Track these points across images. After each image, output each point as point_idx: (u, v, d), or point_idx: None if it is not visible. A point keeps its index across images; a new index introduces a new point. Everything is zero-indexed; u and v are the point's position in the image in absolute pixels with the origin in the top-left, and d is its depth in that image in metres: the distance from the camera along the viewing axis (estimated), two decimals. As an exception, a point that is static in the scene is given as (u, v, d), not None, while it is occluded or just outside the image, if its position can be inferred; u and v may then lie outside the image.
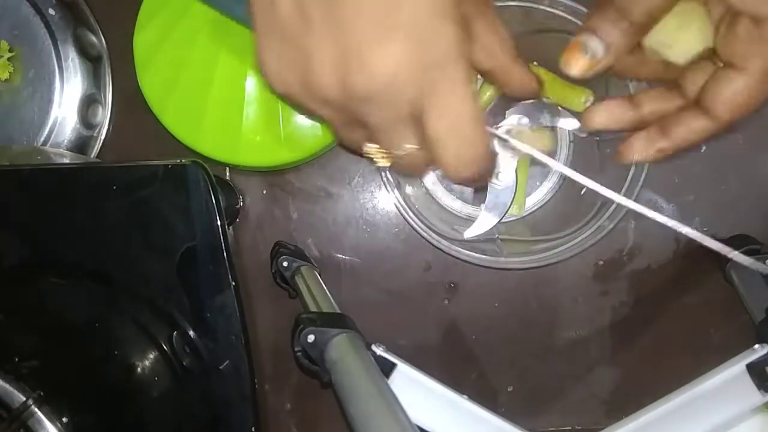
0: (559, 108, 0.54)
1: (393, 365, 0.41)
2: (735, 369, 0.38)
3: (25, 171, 0.47)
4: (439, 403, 0.42)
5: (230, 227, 0.57)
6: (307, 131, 0.53)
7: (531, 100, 0.56)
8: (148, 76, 0.53)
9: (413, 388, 0.42)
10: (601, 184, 0.55)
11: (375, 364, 0.37)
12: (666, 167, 0.57)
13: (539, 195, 0.59)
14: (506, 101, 0.53)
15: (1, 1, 0.55)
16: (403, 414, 0.32)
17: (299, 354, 0.39)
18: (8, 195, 0.47)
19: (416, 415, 0.41)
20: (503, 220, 0.56)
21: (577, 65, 0.33)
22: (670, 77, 0.36)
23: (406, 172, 0.34)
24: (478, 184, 0.34)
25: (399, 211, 0.52)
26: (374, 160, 0.34)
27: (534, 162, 0.58)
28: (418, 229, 0.51)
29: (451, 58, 0.27)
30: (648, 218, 0.58)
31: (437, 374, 0.43)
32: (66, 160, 0.55)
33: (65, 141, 0.57)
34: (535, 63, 0.54)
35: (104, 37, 0.58)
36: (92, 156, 0.58)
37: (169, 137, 0.53)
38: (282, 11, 0.28)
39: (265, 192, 0.59)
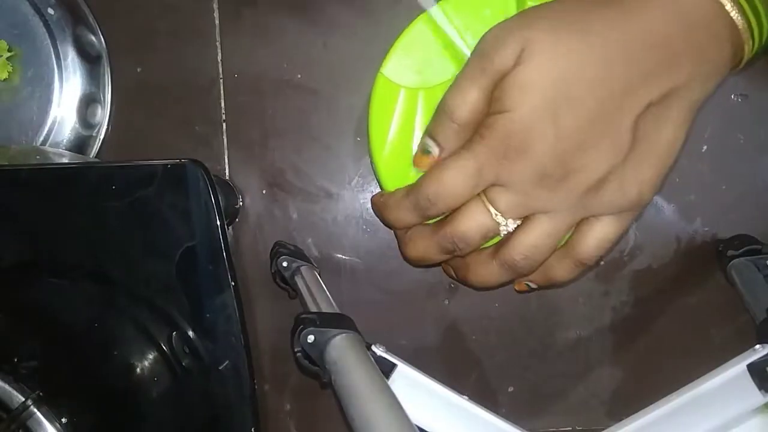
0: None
1: (393, 366, 0.41)
2: (735, 369, 0.38)
3: (23, 171, 0.47)
4: (439, 403, 0.42)
5: (230, 227, 0.57)
6: None
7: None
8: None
9: (413, 389, 0.42)
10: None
11: (375, 365, 0.37)
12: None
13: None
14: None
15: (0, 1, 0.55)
16: (403, 415, 0.32)
17: (299, 354, 0.39)
18: (7, 195, 0.46)
19: (416, 416, 0.41)
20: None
21: (422, 165, 0.41)
22: None
23: None
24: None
25: (399, 211, 0.52)
26: None
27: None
28: (418, 229, 0.51)
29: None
30: (649, 218, 0.59)
31: (437, 374, 0.43)
32: (65, 160, 0.55)
33: (64, 141, 0.57)
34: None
35: (103, 37, 0.58)
36: (91, 156, 0.58)
37: (168, 137, 0.53)
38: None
39: (264, 192, 0.59)
